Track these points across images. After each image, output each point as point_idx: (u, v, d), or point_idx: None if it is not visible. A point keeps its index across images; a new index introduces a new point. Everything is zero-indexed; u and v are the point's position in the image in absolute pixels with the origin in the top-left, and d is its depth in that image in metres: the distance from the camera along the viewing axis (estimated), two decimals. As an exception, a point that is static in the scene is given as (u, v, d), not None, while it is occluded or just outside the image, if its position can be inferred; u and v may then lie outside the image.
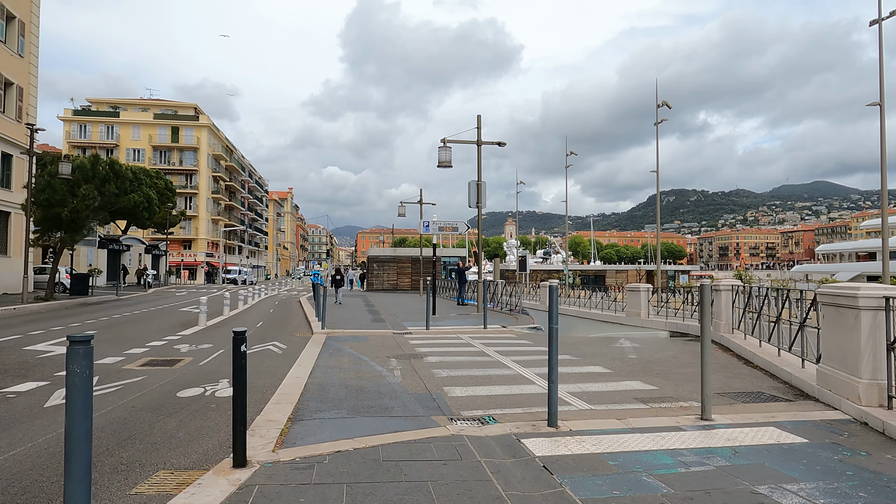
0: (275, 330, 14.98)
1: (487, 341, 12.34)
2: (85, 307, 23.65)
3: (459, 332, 14.22)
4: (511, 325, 15.35)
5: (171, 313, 20.38)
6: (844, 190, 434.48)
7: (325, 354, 10.21)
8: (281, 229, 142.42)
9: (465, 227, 19.87)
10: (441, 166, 19.88)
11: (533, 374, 8.38)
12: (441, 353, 10.38)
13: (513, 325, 15.77)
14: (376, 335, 13.41)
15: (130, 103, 79.19)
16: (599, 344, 12.32)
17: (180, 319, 17.62)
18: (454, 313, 20.09)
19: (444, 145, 19.72)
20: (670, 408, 6.39)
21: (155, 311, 21.80)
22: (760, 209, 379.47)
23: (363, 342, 12.06)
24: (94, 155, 25.33)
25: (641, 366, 9.28)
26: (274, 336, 13.45)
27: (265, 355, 10.31)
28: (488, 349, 11.00)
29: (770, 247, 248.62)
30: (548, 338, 5.36)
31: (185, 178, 75.63)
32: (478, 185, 20.22)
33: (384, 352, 10.63)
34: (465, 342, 12.18)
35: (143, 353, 10.31)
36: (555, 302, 5.44)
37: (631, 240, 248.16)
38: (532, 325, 15.57)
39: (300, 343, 12.09)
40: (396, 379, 7.93)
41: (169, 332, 13.75)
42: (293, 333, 14.14)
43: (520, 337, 13.44)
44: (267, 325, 16.28)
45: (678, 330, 17.30)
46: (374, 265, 45.78)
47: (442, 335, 13.52)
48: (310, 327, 15.26)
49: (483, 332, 14.28)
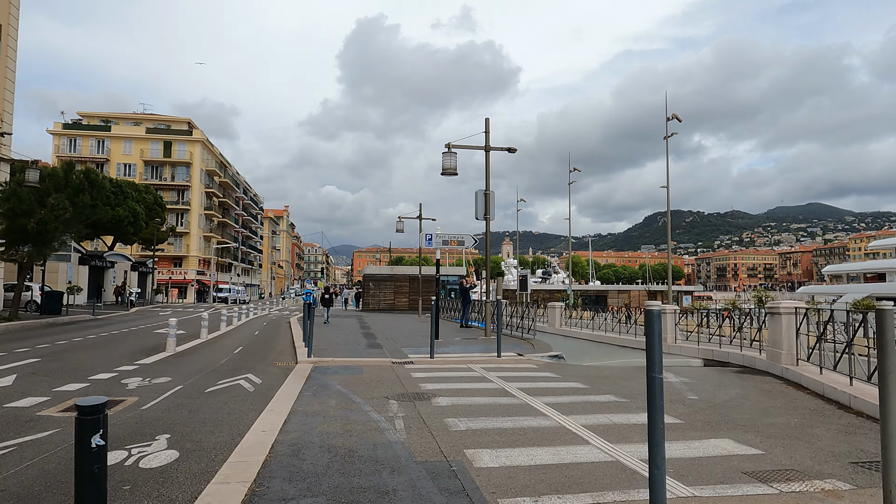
0: (253, 358, 12.85)
1: (505, 374, 10.26)
2: (50, 328, 21.45)
3: (469, 360, 12.13)
4: (528, 353, 13.27)
5: (143, 336, 18.22)
6: (838, 212, 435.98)
7: (307, 393, 8.11)
8: (276, 247, 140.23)
9: (473, 240, 17.90)
10: (446, 174, 17.93)
11: (580, 426, 6.31)
12: (453, 392, 8.30)
13: (529, 352, 13.69)
14: (372, 365, 11.31)
15: (123, 117, 77.52)
16: (637, 377, 10.26)
17: (148, 343, 15.47)
18: (458, 337, 18.01)
19: (449, 151, 17.80)
20: (808, 492, 4.32)
21: (126, 332, 19.64)
22: (756, 230, 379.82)
23: (356, 375, 9.96)
24: (67, 163, 23.35)
25: (714, 412, 7.22)
26: (251, 366, 11.34)
27: (231, 394, 8.21)
28: (509, 386, 8.92)
29: (768, 267, 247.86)
30: (647, 395, 3.33)
31: (177, 194, 73.65)
32: (486, 195, 18.27)
33: (382, 389, 8.54)
34: (479, 375, 10.09)
35: (78, 392, 8.20)
36: (657, 337, 3.42)
37: (629, 260, 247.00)
38: (551, 353, 13.48)
39: (280, 376, 9.98)
40: (399, 435, 5.85)
41: (126, 361, 11.62)
42: (274, 362, 12.02)
43: (542, 368, 11.36)
44: (246, 352, 14.15)
45: (715, 358, 15.26)
46: (370, 284, 43.66)
47: (449, 365, 11.44)
48: (295, 354, 13.15)
49: (497, 361, 12.20)
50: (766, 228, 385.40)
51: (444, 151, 17.87)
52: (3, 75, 29.10)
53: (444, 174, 17.99)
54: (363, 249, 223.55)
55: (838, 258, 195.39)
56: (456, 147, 18.00)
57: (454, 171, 17.92)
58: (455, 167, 17.92)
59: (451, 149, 17.85)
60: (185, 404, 7.38)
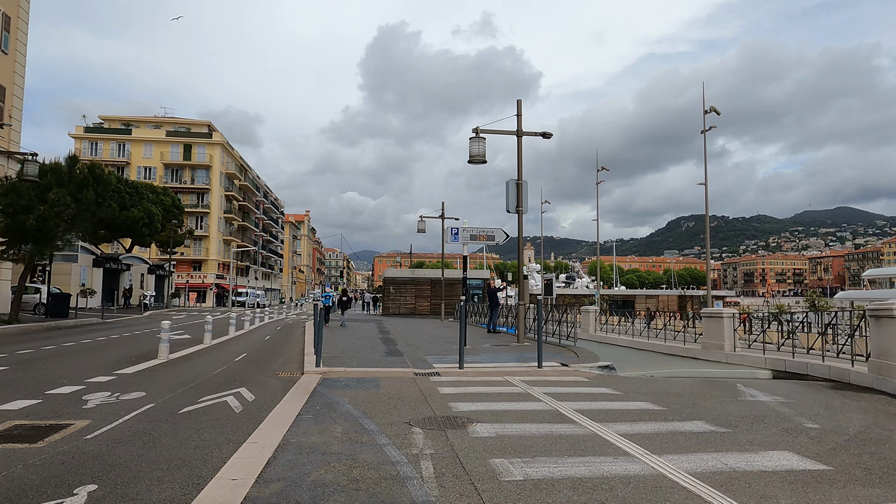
0: (255, 366, 11.13)
1: (553, 390, 8.35)
2: (50, 332, 20.09)
3: (505, 372, 10.23)
4: (572, 364, 11.31)
5: (142, 341, 16.69)
6: (868, 216, 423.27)
7: (306, 416, 6.31)
8: (297, 252, 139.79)
9: (504, 234, 15.99)
10: (473, 161, 16.09)
11: (684, 473, 4.39)
12: (494, 416, 6.42)
13: (573, 362, 11.74)
14: (391, 377, 9.49)
15: (143, 120, 77.33)
16: (717, 394, 8.26)
17: (143, 349, 13.87)
18: (488, 344, 16.12)
19: (476, 136, 15.96)
20: None
21: (126, 337, 18.16)
22: (783, 235, 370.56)
23: (371, 390, 8.14)
24: (72, 156, 22.06)
25: (862, 451, 5.20)
26: (248, 377, 9.60)
27: (211, 416, 6.45)
28: (564, 406, 7.02)
29: (797, 273, 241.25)
30: None
31: (197, 197, 73.06)
32: (517, 185, 16.37)
33: (403, 410, 6.71)
34: (522, 391, 8.20)
35: (21, 411, 6.51)
36: None
37: (653, 265, 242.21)
38: (600, 363, 11.50)
39: (279, 390, 8.22)
40: (427, 489, 3.99)
41: (105, 371, 9.97)
42: (276, 373, 10.27)
43: (594, 382, 9.41)
44: (248, 359, 12.44)
45: (788, 370, 13.14)
46: (390, 288, 42.01)
47: (483, 378, 9.56)
48: (303, 363, 11.40)
49: (539, 373, 10.28)
50: (793, 233, 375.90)
51: (472, 136, 16.04)
52: (11, 69, 28.13)
53: (472, 161, 16.14)
54: (383, 255, 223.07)
55: (872, 263, 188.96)
56: (485, 132, 16.16)
57: (482, 159, 16.07)
58: (483, 154, 16.07)
59: (479, 133, 16.01)
60: (145, 432, 5.63)
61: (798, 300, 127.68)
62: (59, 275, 35.00)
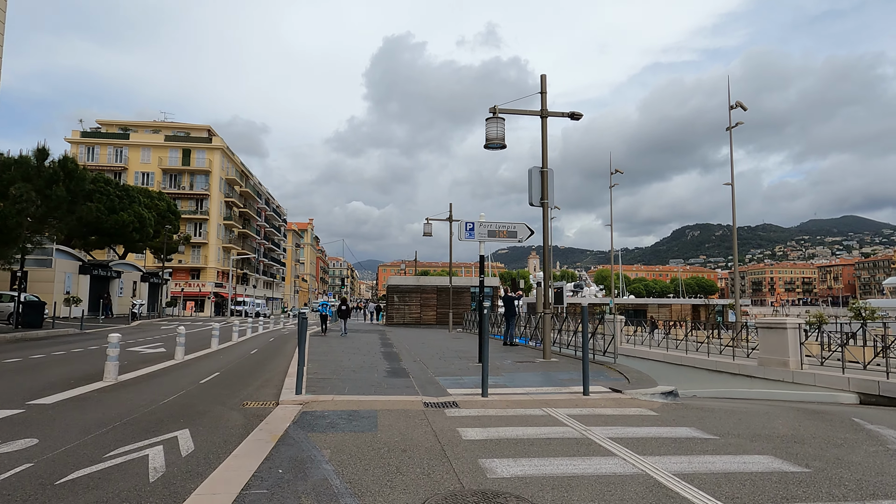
0: (220, 392, 8.75)
1: (619, 432, 5.93)
2: (7, 345, 17.76)
3: (543, 401, 7.82)
4: (625, 389, 8.87)
5: (100, 357, 14.33)
6: (875, 224, 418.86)
7: (257, 492, 3.93)
8: (300, 261, 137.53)
9: (528, 231, 13.60)
10: (491, 146, 13.76)
11: None
12: (558, 491, 4.03)
13: (623, 385, 9.32)
14: (393, 409, 7.09)
15: (142, 125, 75.56)
16: (853, 441, 5.83)
17: (95, 368, 11.49)
18: (507, 360, 13.71)
19: (494, 116, 13.63)
20: None
21: (90, 351, 15.84)
22: (789, 244, 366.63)
23: (365, 433, 5.75)
24: (40, 149, 19.86)
25: None
26: (205, 408, 7.23)
27: (111, 489, 4.05)
28: (652, 467, 4.61)
29: (806, 281, 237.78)
30: None
31: (196, 203, 70.99)
32: (542, 173, 14.02)
33: (410, 478, 4.32)
34: (579, 436, 5.78)
35: None
36: None
37: (659, 274, 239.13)
38: (659, 388, 9.04)
39: (235, 433, 5.84)
40: None
41: (22, 398, 7.59)
42: (244, 402, 7.88)
43: (667, 417, 6.96)
44: (218, 381, 10.05)
45: (884, 393, 10.74)
46: (394, 296, 39.65)
47: (516, 409, 7.15)
48: (282, 387, 9.01)
49: (586, 402, 7.85)
50: (799, 242, 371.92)
51: (489, 117, 13.71)
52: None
53: (489, 146, 13.80)
54: (388, 264, 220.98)
55: (883, 272, 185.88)
56: (504, 111, 13.82)
57: (501, 142, 13.72)
58: (502, 137, 13.73)
59: (497, 114, 13.68)
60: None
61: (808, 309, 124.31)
62: (40, 282, 32.78)
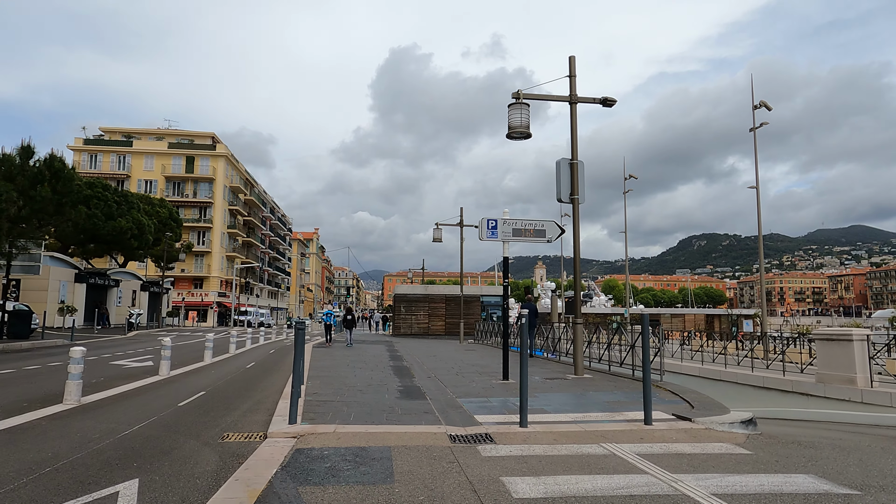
0: (199, 418, 7.20)
1: (717, 483, 4.33)
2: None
3: (597, 433, 6.22)
4: (695, 417, 7.24)
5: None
6: (883, 234, 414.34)
7: None
8: (305, 270, 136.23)
9: (559, 229, 12.06)
10: (514, 135, 12.26)
11: None
12: None
13: (684, 409, 7.70)
14: (412, 446, 5.52)
15: (145, 132, 74.65)
16: None
17: (61, 388, 9.97)
18: (535, 376, 12.09)
19: (518, 102, 12.13)
20: None
21: (62, 366, 14.31)
22: (796, 254, 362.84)
23: (377, 486, 4.19)
24: (25, 146, 18.52)
25: None
26: (173, 443, 5.68)
27: None
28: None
29: (817, 291, 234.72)
30: None
31: (199, 211, 69.84)
32: (571, 165, 12.49)
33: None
34: (668, 489, 4.19)
35: None
36: None
37: (667, 284, 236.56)
38: (736, 416, 7.39)
39: (198, 492, 4.28)
40: None
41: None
42: (224, 434, 6.32)
43: (766, 459, 5.36)
44: (200, 403, 8.51)
45: None
46: (401, 306, 38.12)
47: (568, 446, 5.56)
48: (274, 411, 7.45)
49: (653, 435, 6.25)
50: (807, 252, 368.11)
51: (511, 104, 12.20)
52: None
53: (512, 135, 12.28)
54: (393, 274, 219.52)
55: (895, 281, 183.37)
56: (529, 97, 12.32)
57: (525, 131, 12.20)
58: (527, 125, 12.21)
59: (521, 99, 12.17)
60: None
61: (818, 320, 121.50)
62: (33, 290, 31.47)
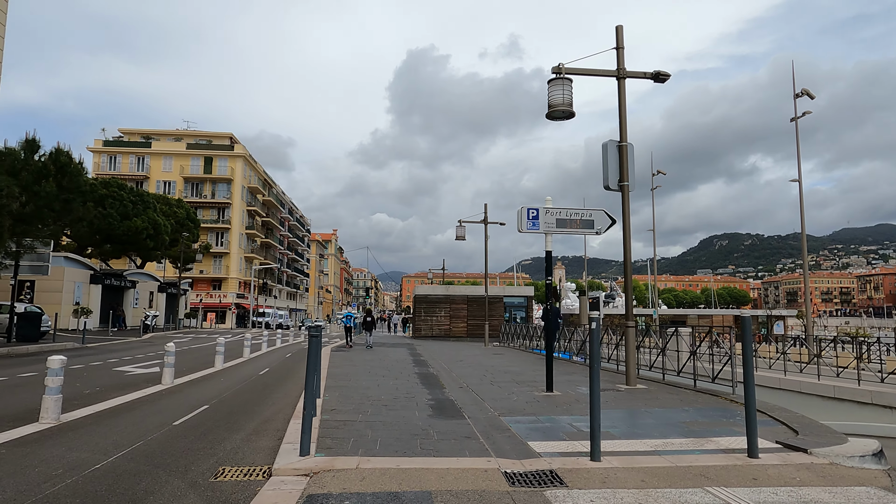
0: (190, 447, 5.94)
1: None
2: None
3: (693, 470, 4.83)
4: (810, 447, 5.79)
5: (81, 379, 11.77)
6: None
7: None
8: (324, 272, 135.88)
9: (609, 219, 10.65)
10: (554, 115, 10.87)
11: None
12: None
13: (790, 436, 6.25)
14: (457, 491, 4.17)
15: (164, 133, 74.55)
16: None
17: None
18: (580, 386, 10.69)
19: (559, 77, 10.75)
20: None
21: (69, 371, 13.24)
22: (821, 253, 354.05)
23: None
24: (30, 140, 17.61)
25: None
26: (148, 488, 4.40)
27: None
28: None
29: (844, 291, 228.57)
30: None
31: (217, 212, 69.43)
32: (619, 148, 11.06)
33: None
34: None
35: None
36: None
37: (689, 284, 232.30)
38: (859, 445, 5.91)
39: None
40: None
41: None
42: (219, 468, 5.04)
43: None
44: (193, 425, 7.26)
45: None
46: (421, 307, 36.81)
47: (663, 491, 4.16)
48: (285, 433, 6.17)
49: (765, 472, 4.83)
50: (832, 251, 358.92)
51: (552, 78, 10.81)
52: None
53: (553, 115, 10.88)
54: (412, 275, 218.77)
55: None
56: (572, 71, 10.90)
57: (568, 109, 10.79)
58: (570, 103, 10.80)
59: (562, 74, 10.77)
60: None
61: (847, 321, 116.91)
62: (47, 292, 30.83)
